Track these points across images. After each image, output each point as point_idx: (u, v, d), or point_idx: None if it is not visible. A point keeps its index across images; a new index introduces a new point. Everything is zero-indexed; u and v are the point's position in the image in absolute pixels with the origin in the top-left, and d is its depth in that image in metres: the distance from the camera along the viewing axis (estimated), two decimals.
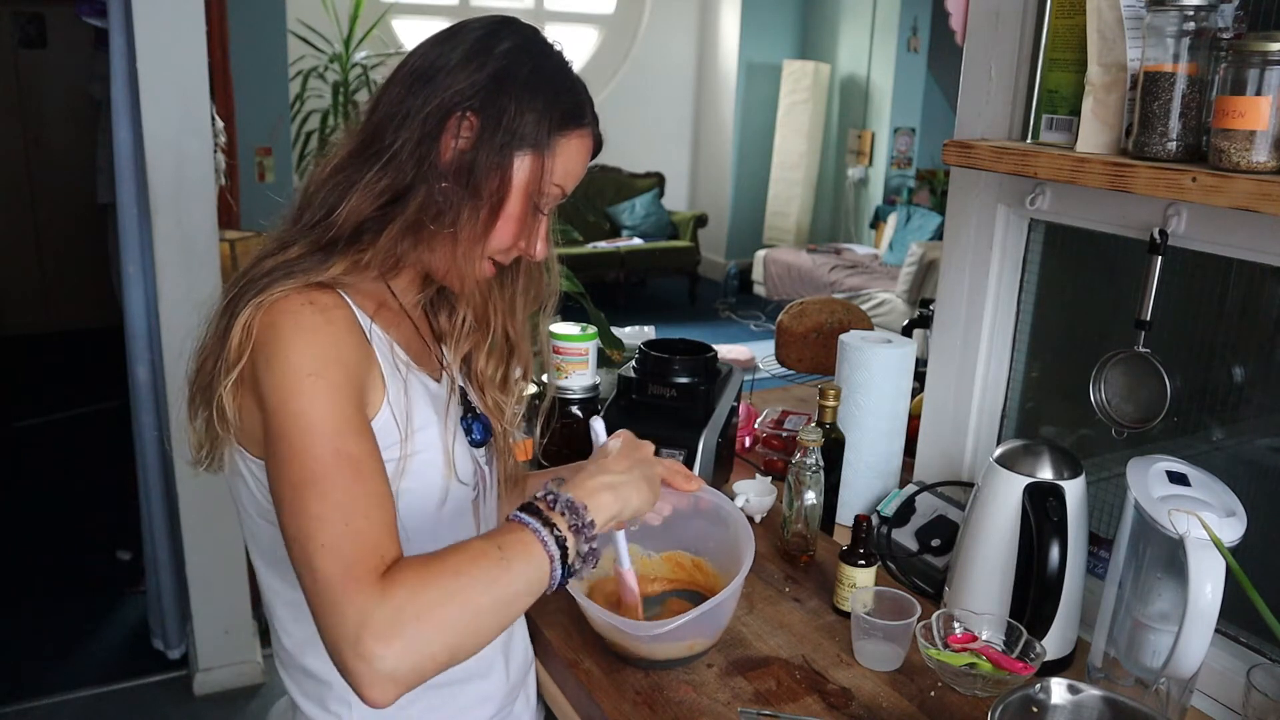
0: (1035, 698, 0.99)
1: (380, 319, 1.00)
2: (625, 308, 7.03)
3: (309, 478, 0.82)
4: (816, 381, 2.20)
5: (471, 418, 1.09)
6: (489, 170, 0.94)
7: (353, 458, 0.84)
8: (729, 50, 7.94)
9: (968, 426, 1.51)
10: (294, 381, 0.85)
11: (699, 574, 1.28)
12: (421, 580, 0.78)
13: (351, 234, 0.95)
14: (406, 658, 0.75)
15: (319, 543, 0.80)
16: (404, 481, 0.96)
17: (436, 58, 0.96)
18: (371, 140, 0.96)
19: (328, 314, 0.90)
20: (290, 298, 0.89)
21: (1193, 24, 1.01)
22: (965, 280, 1.47)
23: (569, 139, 0.99)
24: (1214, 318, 1.24)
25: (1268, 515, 1.13)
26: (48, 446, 4.34)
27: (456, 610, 0.79)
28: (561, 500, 0.89)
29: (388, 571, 0.79)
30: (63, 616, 3.07)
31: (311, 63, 5.66)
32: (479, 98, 0.94)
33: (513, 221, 0.98)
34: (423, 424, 0.99)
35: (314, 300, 0.90)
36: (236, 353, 0.88)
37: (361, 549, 0.80)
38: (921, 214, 6.87)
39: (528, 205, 0.98)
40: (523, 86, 0.95)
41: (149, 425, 2.64)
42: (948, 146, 1.28)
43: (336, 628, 0.76)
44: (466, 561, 0.81)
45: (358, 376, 0.91)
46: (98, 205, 4.08)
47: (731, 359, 1.72)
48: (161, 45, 2.34)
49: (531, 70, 0.96)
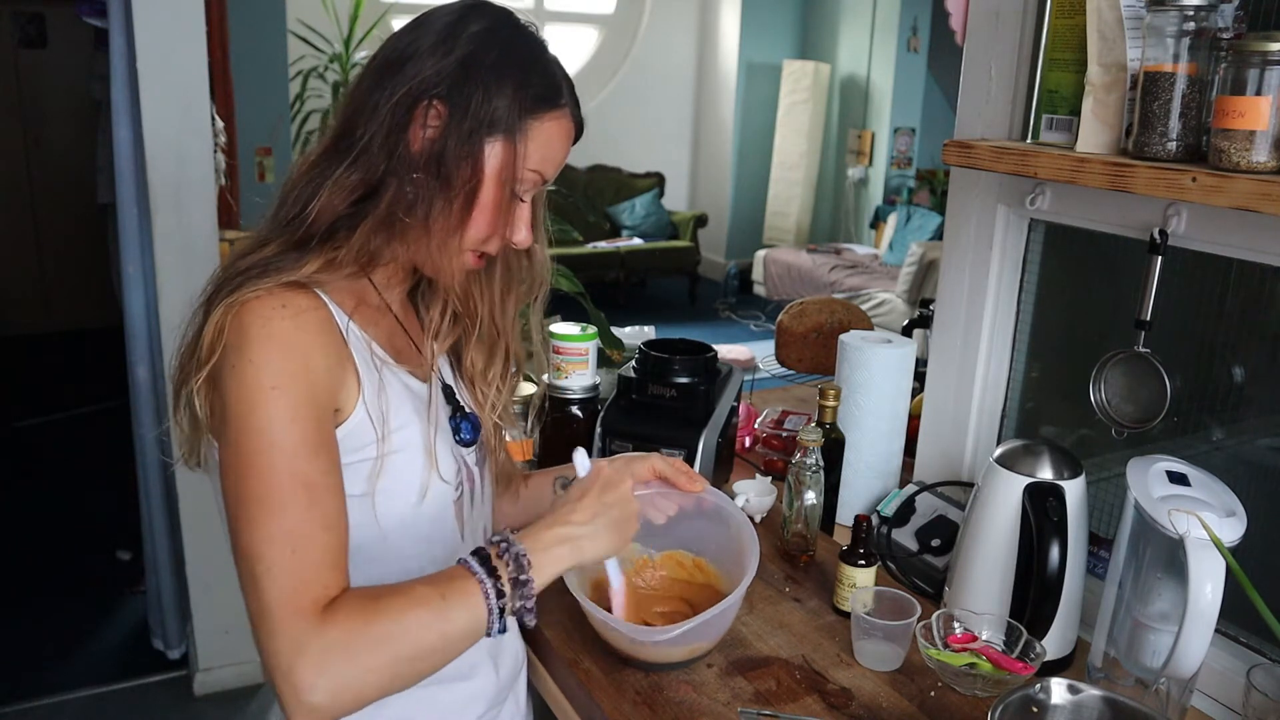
0: (1035, 698, 0.99)
1: (359, 316, 0.98)
2: (625, 308, 7.03)
3: (261, 494, 0.83)
4: (816, 381, 2.20)
5: (460, 416, 1.07)
6: (459, 159, 0.92)
7: (307, 480, 0.84)
8: (729, 50, 7.94)
9: (968, 426, 1.51)
10: (256, 394, 0.84)
11: (699, 574, 1.28)
12: (361, 619, 0.81)
13: (326, 231, 0.94)
14: (334, 692, 0.79)
15: (265, 565, 0.81)
16: (381, 481, 0.95)
17: (405, 47, 0.95)
18: (343, 135, 0.95)
19: (300, 318, 0.89)
20: (263, 299, 0.88)
21: (1193, 24, 1.01)
22: (965, 280, 1.47)
23: (543, 122, 0.96)
24: (1214, 318, 1.24)
25: (1268, 515, 1.13)
26: (48, 446, 4.34)
27: (391, 652, 0.81)
28: (511, 551, 0.89)
29: (330, 604, 0.81)
30: (63, 616, 3.07)
31: (311, 63, 5.66)
32: (445, 84, 0.92)
33: (489, 210, 0.96)
34: (402, 423, 0.97)
35: (287, 302, 0.89)
36: (207, 351, 0.88)
37: (305, 578, 0.81)
38: (921, 214, 6.87)
39: (503, 192, 0.96)
40: (490, 70, 0.93)
41: (149, 425, 2.64)
42: (948, 146, 1.27)
43: (272, 652, 0.79)
44: (409, 605, 0.83)
45: (327, 384, 0.90)
46: (98, 205, 4.07)
47: (731, 359, 1.72)
48: (161, 45, 2.34)
49: (500, 53, 0.94)
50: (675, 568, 1.29)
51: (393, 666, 0.82)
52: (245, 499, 0.84)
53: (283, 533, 0.82)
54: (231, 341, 0.87)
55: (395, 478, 0.97)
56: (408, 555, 0.99)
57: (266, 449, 0.84)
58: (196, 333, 0.91)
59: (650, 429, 1.48)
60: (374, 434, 0.94)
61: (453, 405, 1.07)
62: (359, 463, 0.94)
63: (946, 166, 1.33)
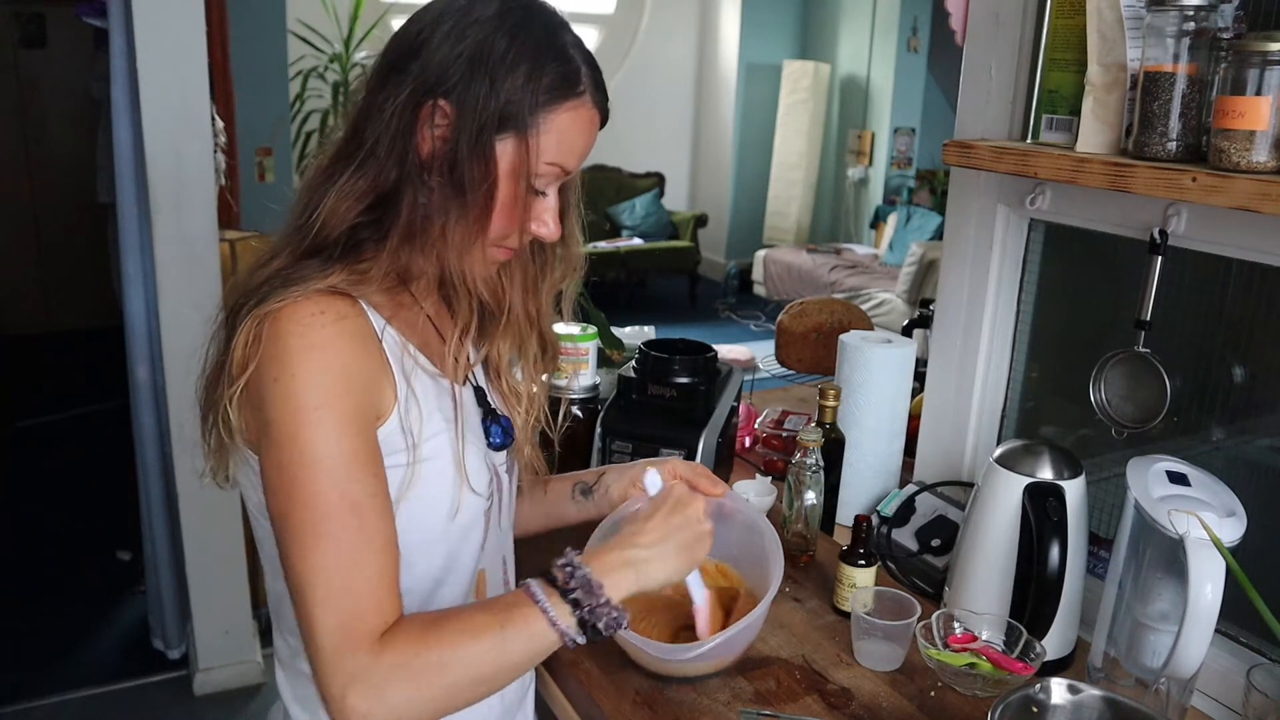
0: (1035, 698, 0.98)
1: (398, 321, 0.95)
2: (625, 308, 7.03)
3: (312, 520, 0.81)
4: (816, 381, 2.20)
5: (490, 420, 1.03)
6: (470, 161, 0.87)
7: (355, 502, 0.83)
8: (729, 50, 7.94)
9: (968, 426, 1.51)
10: (302, 413, 0.82)
11: (723, 579, 1.25)
12: (417, 647, 0.80)
13: (347, 242, 0.90)
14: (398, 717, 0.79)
15: (320, 595, 0.81)
16: (413, 490, 0.92)
17: (413, 38, 0.89)
18: (352, 137, 0.91)
19: (338, 325, 0.86)
20: (299, 305, 0.85)
21: (1193, 24, 1.01)
22: (965, 280, 1.47)
23: (558, 113, 0.90)
24: (1214, 318, 1.24)
25: (1268, 515, 1.13)
26: (48, 446, 4.34)
27: (448, 681, 0.81)
28: (579, 575, 0.86)
29: (386, 633, 0.81)
30: (63, 616, 3.07)
31: (311, 63, 5.66)
32: (450, 82, 0.87)
33: (508, 208, 0.91)
34: (434, 430, 0.94)
35: (324, 309, 0.85)
36: (240, 364, 0.85)
37: (360, 608, 0.81)
38: (921, 214, 6.87)
39: (520, 189, 0.90)
40: (499, 62, 0.87)
41: (149, 425, 2.64)
42: (948, 146, 1.27)
43: (327, 681, 0.79)
44: (467, 635, 0.82)
45: (367, 395, 0.87)
46: (98, 205, 4.07)
47: (731, 359, 1.72)
48: (161, 45, 2.34)
49: (510, 41, 0.88)
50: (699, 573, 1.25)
51: (447, 696, 0.82)
52: (294, 525, 0.82)
53: (335, 561, 0.81)
54: (269, 352, 0.83)
55: (428, 485, 0.94)
56: (435, 565, 0.98)
57: (314, 472, 0.82)
58: (222, 348, 0.89)
59: (650, 429, 1.48)
60: (405, 441, 0.91)
61: (484, 408, 1.03)
62: (392, 469, 0.91)
63: (946, 166, 1.33)
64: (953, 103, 1.48)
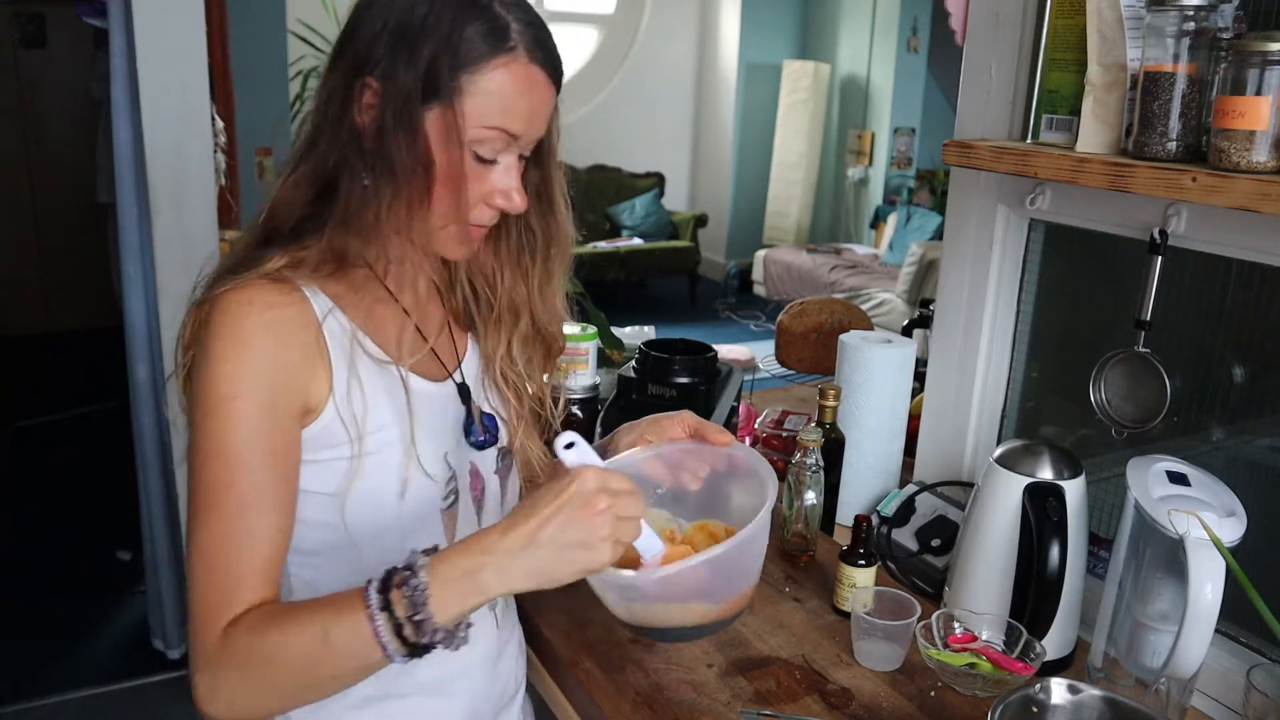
0: (1035, 698, 0.98)
1: (354, 309, 0.93)
2: (625, 308, 7.03)
3: (202, 504, 0.85)
4: (816, 381, 2.20)
5: (470, 418, 1.00)
6: (396, 135, 0.85)
7: (243, 494, 0.84)
8: (729, 50, 7.94)
9: (968, 426, 1.51)
10: (212, 401, 0.84)
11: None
12: (252, 637, 0.81)
13: (292, 229, 0.91)
14: (231, 702, 0.82)
15: (196, 574, 0.84)
16: (357, 482, 0.91)
17: (352, 21, 0.89)
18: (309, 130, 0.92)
19: (265, 315, 0.86)
20: (231, 295, 0.86)
21: (1193, 24, 1.01)
22: (965, 280, 1.47)
23: (486, 73, 0.85)
24: (1214, 318, 1.24)
25: (1268, 515, 1.13)
26: (48, 446, 4.34)
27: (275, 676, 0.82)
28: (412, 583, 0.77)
29: (236, 619, 0.82)
30: (63, 616, 3.07)
31: (311, 63, 5.64)
32: (376, 57, 0.85)
33: (453, 181, 0.87)
34: (381, 423, 0.92)
35: (254, 299, 0.86)
36: (184, 348, 0.89)
37: (219, 592, 0.83)
38: (921, 214, 6.87)
39: (461, 159, 0.87)
40: (419, 30, 0.84)
41: (149, 425, 2.65)
42: (948, 146, 1.28)
43: (192, 653, 0.83)
44: (294, 633, 0.80)
45: (291, 384, 0.87)
46: (98, 205, 4.07)
47: (731, 359, 1.72)
48: (161, 45, 2.34)
49: (430, 8, 0.85)
50: (709, 539, 1.07)
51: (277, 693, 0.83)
52: (190, 505, 0.85)
53: (210, 543, 0.84)
54: (202, 336, 0.86)
55: (371, 480, 0.92)
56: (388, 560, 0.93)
57: (212, 459, 0.84)
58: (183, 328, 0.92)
59: None
60: (347, 433, 0.90)
61: (466, 406, 1.01)
62: (332, 460, 0.91)
63: (946, 166, 1.33)
64: (953, 103, 1.48)
